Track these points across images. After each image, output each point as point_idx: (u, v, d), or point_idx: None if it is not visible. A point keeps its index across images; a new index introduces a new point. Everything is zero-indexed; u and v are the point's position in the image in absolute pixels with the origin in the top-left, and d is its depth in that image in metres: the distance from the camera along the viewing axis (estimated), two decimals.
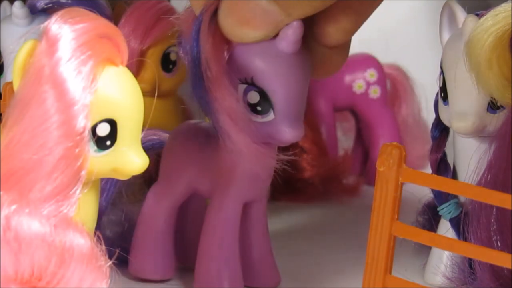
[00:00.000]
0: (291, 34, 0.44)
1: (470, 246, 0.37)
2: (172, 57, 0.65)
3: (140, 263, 0.51)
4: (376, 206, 0.38)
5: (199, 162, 0.49)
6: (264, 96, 0.45)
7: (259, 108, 0.45)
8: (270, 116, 0.45)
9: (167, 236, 0.52)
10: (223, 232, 0.48)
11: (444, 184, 0.38)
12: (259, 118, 0.46)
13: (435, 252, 0.52)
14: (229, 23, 0.44)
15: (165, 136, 0.53)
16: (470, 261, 0.48)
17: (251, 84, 0.45)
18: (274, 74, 0.45)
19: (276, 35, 0.44)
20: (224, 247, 0.48)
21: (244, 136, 0.45)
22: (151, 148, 0.53)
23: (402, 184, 0.38)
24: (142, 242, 0.51)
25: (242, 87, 0.45)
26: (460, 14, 0.50)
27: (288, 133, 0.45)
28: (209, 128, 0.49)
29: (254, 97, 0.45)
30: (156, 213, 0.51)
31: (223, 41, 0.45)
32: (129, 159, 0.37)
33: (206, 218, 0.49)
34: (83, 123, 0.35)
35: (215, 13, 0.44)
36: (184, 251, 0.53)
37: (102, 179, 0.40)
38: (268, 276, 0.51)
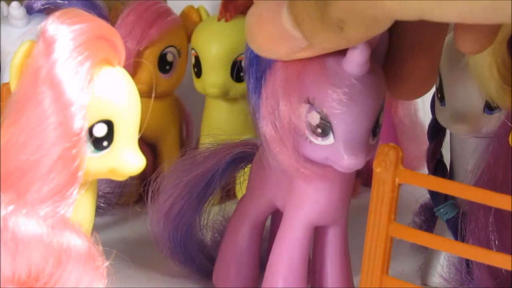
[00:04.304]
0: (357, 56, 0.40)
1: (467, 247, 0.37)
2: (169, 58, 0.65)
3: (222, 275, 0.51)
4: (373, 207, 0.38)
5: (276, 178, 0.48)
6: (324, 118, 0.42)
7: (319, 130, 0.42)
8: (330, 139, 0.42)
9: (251, 250, 0.51)
10: (290, 254, 0.47)
11: (441, 185, 0.37)
12: (319, 140, 0.42)
13: (432, 252, 0.52)
14: (257, 42, 0.41)
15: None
16: (467, 261, 0.48)
17: (313, 104, 0.42)
18: (334, 97, 0.41)
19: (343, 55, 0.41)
20: (290, 269, 0.47)
21: (289, 155, 0.43)
22: (245, 160, 0.52)
23: (399, 185, 0.38)
24: (225, 253, 0.51)
25: (305, 106, 0.42)
26: None
27: (347, 160, 0.42)
28: None
29: (314, 118, 0.42)
30: (241, 224, 0.51)
31: None
32: (126, 159, 0.37)
33: (276, 238, 0.47)
34: (80, 124, 0.34)
35: None
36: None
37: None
38: None
